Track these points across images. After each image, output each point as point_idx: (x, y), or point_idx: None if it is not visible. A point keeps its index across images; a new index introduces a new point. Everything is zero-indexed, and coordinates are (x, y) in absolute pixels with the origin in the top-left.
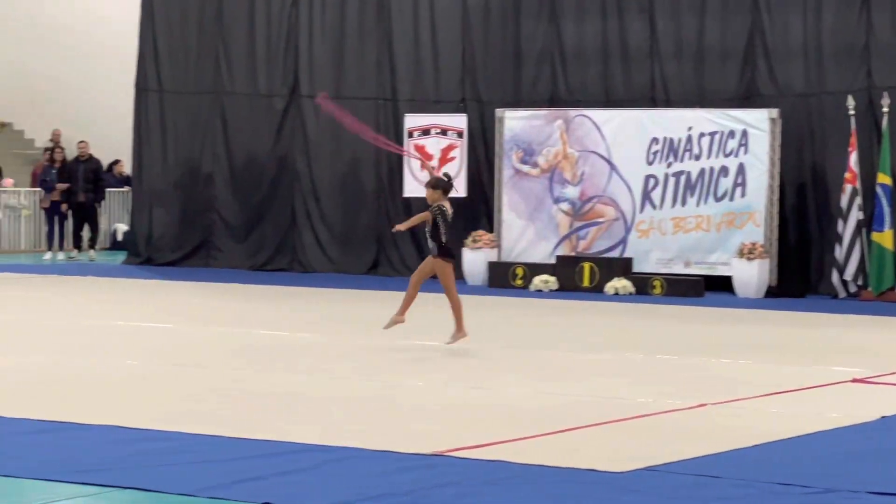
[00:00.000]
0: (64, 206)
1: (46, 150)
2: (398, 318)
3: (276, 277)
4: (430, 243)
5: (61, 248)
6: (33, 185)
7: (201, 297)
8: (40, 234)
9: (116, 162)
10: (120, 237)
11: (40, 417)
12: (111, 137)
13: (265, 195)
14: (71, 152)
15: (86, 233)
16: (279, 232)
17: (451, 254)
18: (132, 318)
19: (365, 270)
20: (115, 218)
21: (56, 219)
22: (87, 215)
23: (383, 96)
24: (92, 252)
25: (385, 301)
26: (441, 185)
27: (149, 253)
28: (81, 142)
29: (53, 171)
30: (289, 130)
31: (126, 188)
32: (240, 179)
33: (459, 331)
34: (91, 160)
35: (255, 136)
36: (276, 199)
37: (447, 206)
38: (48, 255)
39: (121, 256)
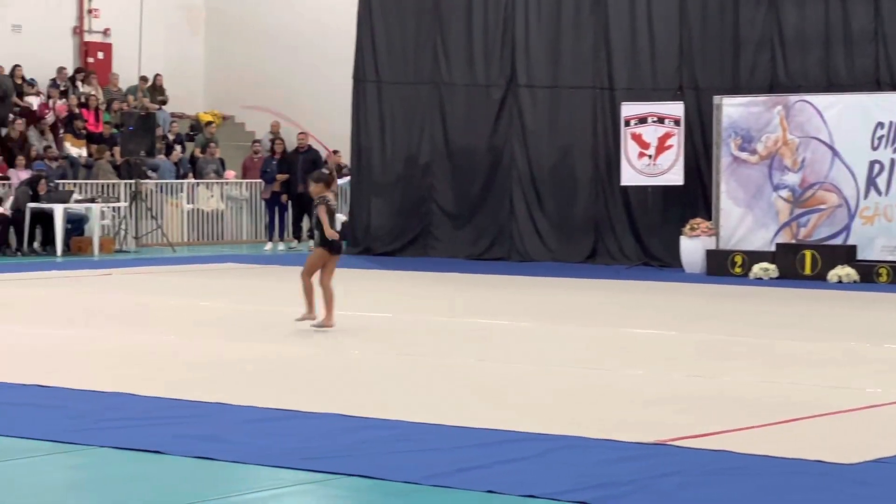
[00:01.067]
0: (284, 197)
1: (255, 142)
2: (308, 315)
3: (493, 266)
4: (318, 234)
5: (281, 238)
6: (244, 177)
7: (420, 287)
8: (261, 224)
9: (335, 153)
10: (339, 227)
11: (267, 405)
12: (330, 128)
13: (483, 184)
14: (290, 144)
15: (305, 223)
16: (497, 221)
17: (337, 246)
18: (352, 308)
19: (583, 259)
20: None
21: (276, 209)
22: (306, 206)
23: (600, 85)
24: (311, 242)
25: (603, 289)
26: (323, 178)
27: (367, 242)
28: (301, 133)
29: (274, 163)
30: (506, 120)
31: (345, 179)
32: (458, 169)
33: (329, 319)
34: (310, 151)
35: (473, 125)
36: (493, 188)
37: (331, 197)
38: (269, 246)
39: None
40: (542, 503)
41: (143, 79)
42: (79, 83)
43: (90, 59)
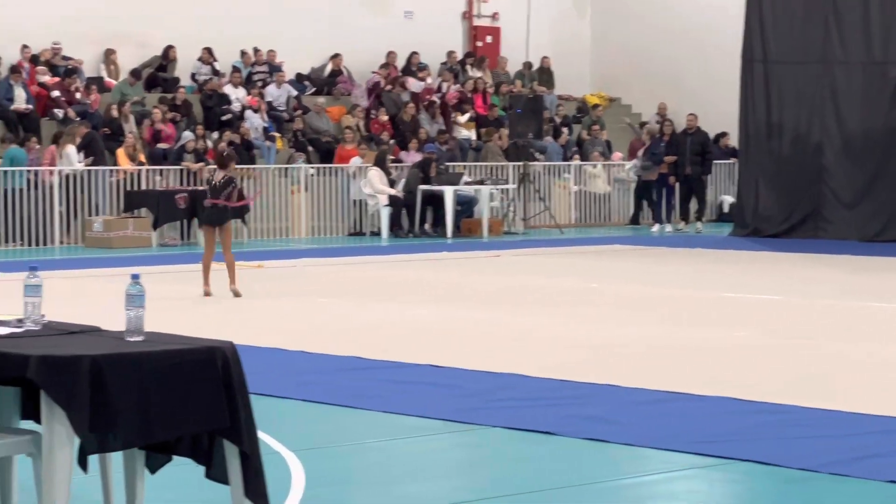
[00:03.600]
0: (671, 179)
1: (641, 124)
2: (206, 290)
3: (888, 248)
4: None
5: (669, 220)
6: (631, 158)
7: (809, 269)
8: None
9: (724, 134)
10: (726, 209)
11: (657, 387)
12: (719, 110)
13: (877, 165)
14: (679, 125)
15: (693, 205)
16: (892, 202)
17: (213, 217)
18: (740, 290)
19: None
20: (722, 190)
21: (664, 191)
22: (694, 187)
23: None
24: (699, 224)
25: None
26: (234, 158)
27: (755, 224)
28: (690, 114)
29: (662, 144)
30: None
31: (732, 160)
32: (851, 149)
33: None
34: (698, 133)
35: (868, 105)
36: (889, 169)
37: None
38: (656, 228)
39: (727, 228)
40: None
41: (527, 65)
42: (468, 67)
43: (479, 44)
